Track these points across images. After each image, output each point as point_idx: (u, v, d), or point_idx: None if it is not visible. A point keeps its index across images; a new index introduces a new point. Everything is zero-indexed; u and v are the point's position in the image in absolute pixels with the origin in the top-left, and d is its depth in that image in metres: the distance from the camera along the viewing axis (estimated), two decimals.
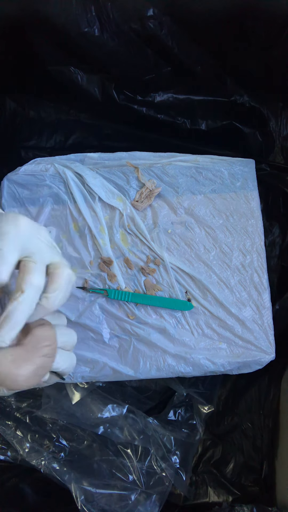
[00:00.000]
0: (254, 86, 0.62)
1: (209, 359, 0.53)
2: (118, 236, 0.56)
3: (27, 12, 0.52)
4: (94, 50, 0.56)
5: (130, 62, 0.58)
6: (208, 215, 0.56)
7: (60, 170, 0.56)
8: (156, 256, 0.55)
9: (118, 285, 0.54)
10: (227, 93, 0.62)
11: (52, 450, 0.60)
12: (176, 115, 0.65)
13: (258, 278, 0.55)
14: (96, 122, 0.69)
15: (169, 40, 0.56)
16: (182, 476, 0.59)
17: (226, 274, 0.55)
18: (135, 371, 0.53)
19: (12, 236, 0.29)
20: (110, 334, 0.54)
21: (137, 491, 0.57)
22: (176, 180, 0.57)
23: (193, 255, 0.55)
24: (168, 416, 0.62)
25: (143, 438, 0.60)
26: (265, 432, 0.64)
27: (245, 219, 0.56)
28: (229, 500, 0.62)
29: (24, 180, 0.56)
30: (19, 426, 0.61)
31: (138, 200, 0.56)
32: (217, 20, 0.53)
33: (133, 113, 0.64)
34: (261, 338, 0.54)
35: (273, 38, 0.54)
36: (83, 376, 0.53)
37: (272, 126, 0.65)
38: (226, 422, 0.65)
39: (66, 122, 0.69)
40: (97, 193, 0.55)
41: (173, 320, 0.54)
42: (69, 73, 0.60)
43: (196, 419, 0.62)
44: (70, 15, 0.52)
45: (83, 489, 0.56)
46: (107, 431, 0.60)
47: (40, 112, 0.69)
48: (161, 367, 0.53)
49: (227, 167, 0.57)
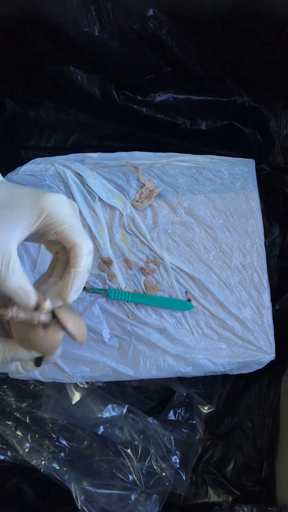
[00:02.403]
0: (254, 86, 0.62)
1: (209, 359, 0.52)
2: (118, 236, 0.56)
3: (27, 12, 0.52)
4: (94, 50, 0.56)
5: (130, 62, 0.58)
6: (208, 215, 0.56)
7: (60, 170, 0.56)
8: (156, 256, 0.55)
9: (118, 285, 0.54)
10: (227, 93, 0.62)
11: (52, 450, 0.60)
12: (176, 115, 0.65)
13: (258, 278, 0.55)
14: (96, 122, 0.69)
15: (169, 40, 0.56)
16: (182, 476, 0.59)
17: (226, 274, 0.55)
18: (135, 371, 0.53)
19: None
20: (110, 334, 0.54)
21: (137, 491, 0.57)
22: (176, 180, 0.57)
23: (193, 255, 0.55)
24: (168, 416, 0.62)
25: (143, 438, 0.60)
26: (265, 432, 0.64)
27: (245, 219, 0.56)
28: (229, 500, 0.62)
29: (24, 180, 0.56)
30: (19, 426, 0.61)
31: (138, 200, 0.56)
32: (217, 20, 0.54)
33: (133, 113, 0.64)
34: (261, 338, 0.54)
35: (273, 38, 0.54)
36: (83, 376, 0.53)
37: (272, 126, 0.65)
38: (226, 422, 0.65)
39: (66, 122, 0.69)
40: (97, 193, 0.55)
41: (173, 320, 0.54)
42: (69, 73, 0.60)
43: (196, 419, 0.62)
44: (70, 15, 0.52)
45: (83, 489, 0.56)
46: (107, 431, 0.60)
47: (40, 112, 0.69)
48: (161, 367, 0.53)
49: (227, 167, 0.57)
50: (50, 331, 0.33)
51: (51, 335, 0.33)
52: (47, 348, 0.34)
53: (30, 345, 0.34)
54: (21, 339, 0.34)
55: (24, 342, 0.34)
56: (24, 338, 0.34)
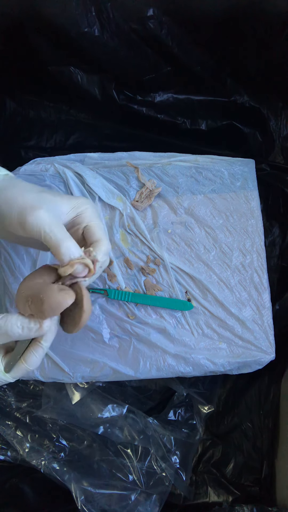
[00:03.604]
0: (254, 86, 0.62)
1: (209, 359, 0.53)
2: (118, 236, 0.56)
3: (27, 12, 0.52)
4: (94, 50, 0.56)
5: (130, 62, 0.58)
6: (208, 215, 0.56)
7: (60, 170, 0.56)
8: (156, 256, 0.55)
9: (118, 285, 0.54)
10: (227, 93, 0.62)
11: (52, 450, 0.60)
12: (176, 115, 0.65)
13: (258, 278, 0.55)
14: (96, 122, 0.69)
15: (169, 40, 0.56)
16: (182, 476, 0.59)
17: (226, 274, 0.55)
18: (135, 371, 0.53)
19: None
20: (110, 334, 0.54)
21: (137, 491, 0.57)
22: (176, 180, 0.57)
23: (193, 255, 0.55)
24: (168, 416, 0.62)
25: (143, 438, 0.60)
26: (265, 432, 0.64)
27: (245, 219, 0.56)
28: (229, 500, 0.62)
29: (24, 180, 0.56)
30: (19, 426, 0.61)
31: (138, 200, 0.56)
32: (217, 20, 0.54)
33: (133, 113, 0.64)
34: (261, 338, 0.54)
35: (273, 38, 0.54)
36: (83, 376, 0.53)
37: (272, 126, 0.65)
38: (226, 422, 0.65)
39: (66, 122, 0.69)
40: (97, 193, 0.55)
41: (173, 320, 0.54)
42: (69, 73, 0.60)
43: (196, 419, 0.62)
44: (70, 15, 0.52)
45: (83, 489, 0.56)
46: (107, 431, 0.60)
47: (40, 112, 0.69)
48: (161, 367, 0.53)
49: (227, 167, 0.57)
50: (63, 292, 0.35)
51: (63, 295, 0.35)
52: (53, 304, 0.34)
53: (36, 301, 0.34)
54: (30, 296, 0.35)
55: (30, 299, 0.35)
56: (34, 293, 0.35)
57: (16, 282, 0.54)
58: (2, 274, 0.55)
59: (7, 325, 0.35)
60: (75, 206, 0.39)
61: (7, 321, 0.35)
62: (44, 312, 0.34)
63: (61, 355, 0.53)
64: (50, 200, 0.38)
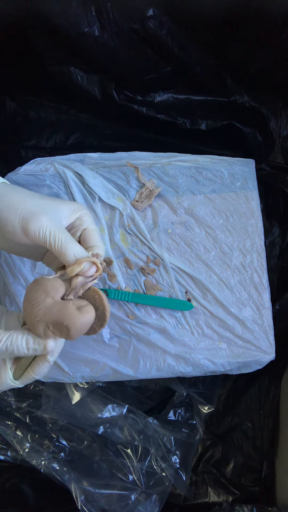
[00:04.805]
0: (254, 86, 0.62)
1: (209, 359, 0.53)
2: (118, 236, 0.56)
3: (27, 12, 0.52)
4: (94, 50, 0.56)
5: (130, 62, 0.58)
6: (208, 215, 0.56)
7: (60, 170, 0.56)
8: (156, 256, 0.55)
9: (118, 285, 0.54)
10: (227, 93, 0.62)
11: (52, 450, 0.60)
12: (176, 115, 0.65)
13: (258, 278, 0.55)
14: (96, 122, 0.69)
15: (169, 40, 0.56)
16: (182, 476, 0.59)
17: (226, 274, 0.55)
18: (135, 371, 0.53)
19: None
20: (110, 334, 0.54)
21: (137, 491, 0.57)
22: (176, 180, 0.57)
23: (193, 255, 0.55)
24: (168, 416, 0.62)
25: (143, 438, 0.60)
26: (265, 432, 0.64)
27: (245, 219, 0.56)
28: (229, 500, 0.62)
29: (24, 180, 0.56)
30: (19, 426, 0.61)
31: (138, 200, 0.56)
32: (217, 20, 0.53)
33: (133, 113, 0.64)
34: (261, 338, 0.54)
35: (273, 38, 0.54)
36: (83, 376, 0.53)
37: (272, 126, 0.65)
38: (226, 422, 0.65)
39: (66, 122, 0.69)
40: (97, 193, 0.55)
41: (173, 320, 0.54)
42: (69, 73, 0.60)
43: (196, 419, 0.62)
44: (70, 15, 0.52)
45: (83, 489, 0.56)
46: (107, 431, 0.60)
47: (40, 112, 0.69)
48: (161, 367, 0.53)
49: (227, 167, 0.57)
50: (84, 311, 0.35)
51: (85, 315, 0.35)
52: (80, 327, 0.35)
53: (60, 328, 0.35)
54: (50, 322, 0.35)
55: (51, 325, 0.35)
56: (55, 319, 0.35)
57: (16, 282, 0.54)
58: (2, 274, 0.55)
59: (13, 347, 0.35)
60: (75, 209, 0.40)
61: (12, 343, 0.35)
62: (73, 337, 0.35)
63: (61, 355, 0.53)
64: (50, 205, 0.38)
